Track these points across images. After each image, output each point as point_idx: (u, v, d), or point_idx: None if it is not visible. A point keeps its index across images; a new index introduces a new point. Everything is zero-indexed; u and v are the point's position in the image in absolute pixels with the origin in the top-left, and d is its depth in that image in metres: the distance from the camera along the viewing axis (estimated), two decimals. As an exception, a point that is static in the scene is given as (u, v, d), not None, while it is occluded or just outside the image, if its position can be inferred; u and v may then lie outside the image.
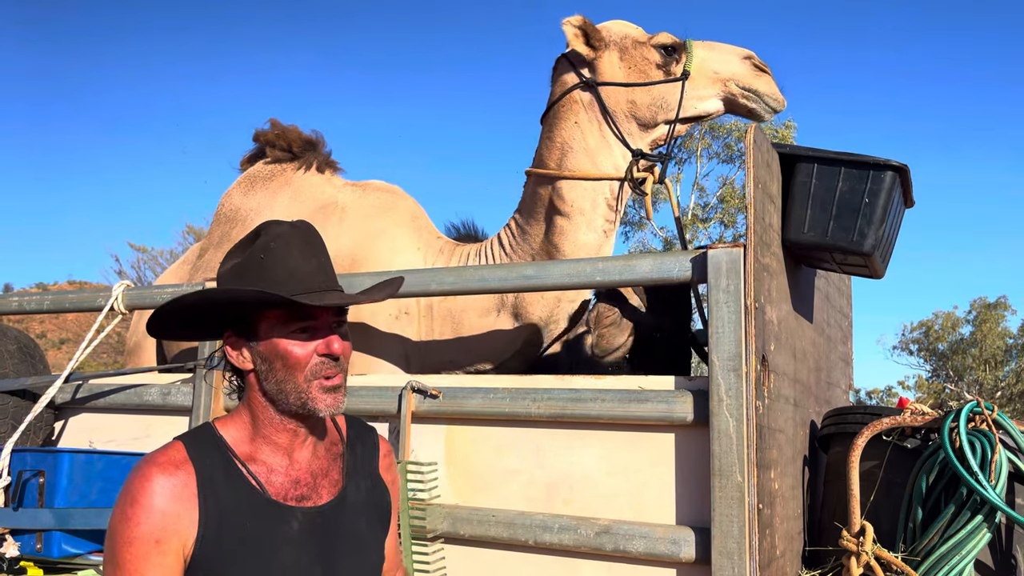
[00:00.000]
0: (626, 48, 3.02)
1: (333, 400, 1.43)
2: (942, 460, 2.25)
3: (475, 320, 3.10)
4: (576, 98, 3.03)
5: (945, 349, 29.72)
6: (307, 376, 1.41)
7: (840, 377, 3.42)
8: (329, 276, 1.45)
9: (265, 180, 3.62)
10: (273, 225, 1.46)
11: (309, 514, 1.43)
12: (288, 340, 1.40)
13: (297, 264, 1.41)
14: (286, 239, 1.42)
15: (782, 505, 2.28)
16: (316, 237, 1.48)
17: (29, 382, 3.09)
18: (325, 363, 1.41)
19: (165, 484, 1.33)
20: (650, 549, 2.14)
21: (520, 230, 3.13)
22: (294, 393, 1.41)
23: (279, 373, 1.41)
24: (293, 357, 1.40)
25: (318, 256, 1.45)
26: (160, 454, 1.39)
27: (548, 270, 2.49)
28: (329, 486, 1.49)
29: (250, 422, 1.46)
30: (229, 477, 1.39)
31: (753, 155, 2.17)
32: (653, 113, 2.99)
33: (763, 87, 3.01)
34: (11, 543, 2.60)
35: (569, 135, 3.02)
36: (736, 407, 2.06)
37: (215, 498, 1.36)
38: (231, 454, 1.42)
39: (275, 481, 1.43)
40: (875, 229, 2.34)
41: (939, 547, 2.19)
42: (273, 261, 1.40)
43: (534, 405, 2.36)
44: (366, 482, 1.56)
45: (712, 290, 2.15)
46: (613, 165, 3.01)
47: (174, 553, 1.32)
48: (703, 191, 23.36)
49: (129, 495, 1.33)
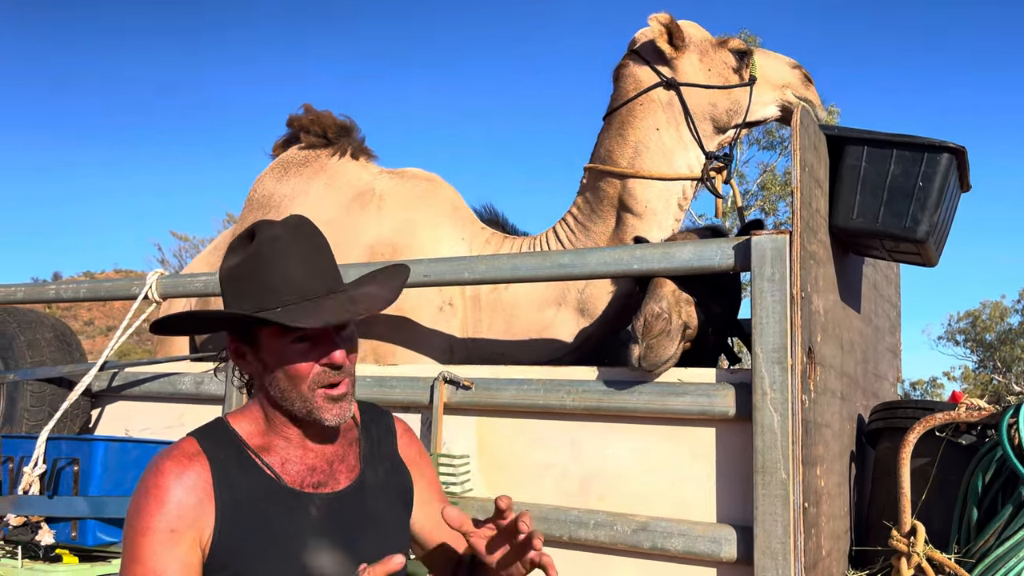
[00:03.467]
0: (706, 50, 3.03)
1: (339, 410, 1.38)
2: (1000, 458, 2.14)
3: (531, 314, 3.04)
4: (654, 97, 3.00)
5: (993, 339, 29.00)
6: (310, 386, 1.36)
7: (888, 369, 3.30)
8: (328, 277, 1.39)
9: (299, 166, 3.58)
10: (266, 227, 1.38)
11: (327, 500, 1.41)
12: (288, 350, 1.35)
13: (293, 269, 1.34)
14: (280, 243, 1.35)
15: (828, 503, 2.19)
16: (314, 237, 1.40)
17: (65, 370, 3.11)
18: (327, 372, 1.37)
19: (179, 477, 1.32)
20: (689, 548, 2.07)
21: (581, 226, 3.09)
22: (299, 402, 1.37)
23: (282, 383, 1.37)
24: (293, 368, 1.35)
25: (315, 257, 1.38)
26: (173, 448, 1.37)
27: (584, 258, 2.41)
28: (346, 471, 1.46)
29: (263, 417, 1.43)
30: (244, 468, 1.37)
31: (800, 137, 2.07)
32: (729, 116, 3.01)
33: (813, 97, 3.07)
34: (46, 531, 2.61)
35: (645, 134, 2.99)
36: (781, 401, 1.98)
37: (231, 490, 1.34)
38: (244, 446, 1.40)
39: (291, 470, 1.40)
40: (929, 215, 2.23)
41: (995, 549, 2.08)
42: (267, 267, 1.34)
43: (568, 397, 2.29)
44: (384, 465, 1.53)
45: (756, 279, 2.05)
46: (687, 166, 3.00)
47: (189, 543, 1.30)
48: (743, 178, 23.00)
49: (143, 488, 1.32)
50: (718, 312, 2.46)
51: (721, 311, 2.48)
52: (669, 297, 2.29)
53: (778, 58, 3.11)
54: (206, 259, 4.05)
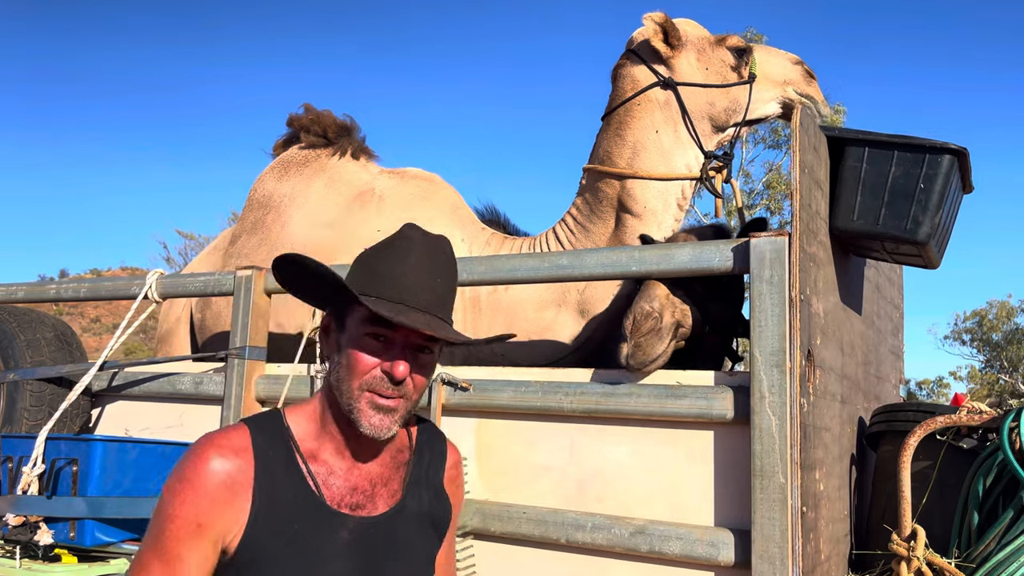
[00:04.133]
0: (703, 49, 3.00)
1: (380, 421, 1.33)
2: (1001, 462, 2.12)
3: (531, 314, 3.03)
4: (652, 97, 2.98)
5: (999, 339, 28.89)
6: (361, 385, 1.33)
7: (890, 371, 3.28)
8: (434, 298, 1.35)
9: (299, 166, 3.58)
10: (409, 228, 1.40)
11: (362, 524, 1.37)
12: (362, 342, 1.33)
13: (404, 271, 1.33)
14: (411, 244, 1.36)
15: (827, 507, 2.18)
16: (442, 256, 1.39)
17: (65, 370, 3.10)
18: (384, 381, 1.33)
19: (220, 469, 1.28)
20: (687, 551, 2.06)
21: (580, 227, 3.07)
22: (345, 396, 1.34)
23: (341, 371, 1.35)
24: (356, 360, 1.33)
25: (434, 274, 1.36)
26: (223, 436, 1.33)
27: (583, 259, 2.40)
28: (387, 496, 1.42)
29: (319, 415, 1.40)
30: (289, 473, 1.34)
31: (799, 138, 2.05)
32: (728, 115, 2.98)
33: (815, 93, 3.04)
34: (45, 531, 2.61)
35: (643, 135, 2.97)
36: (779, 404, 1.96)
37: (270, 493, 1.31)
38: (295, 449, 1.36)
39: (333, 484, 1.37)
40: (931, 216, 2.21)
41: (996, 554, 2.07)
42: (385, 259, 1.35)
43: (566, 399, 2.28)
44: (428, 493, 1.49)
45: (755, 281, 2.04)
46: (686, 165, 2.98)
47: (212, 541, 1.28)
48: (748, 177, 22.95)
49: (183, 471, 1.29)
50: (716, 311, 2.44)
51: (720, 310, 2.47)
52: (661, 296, 2.28)
53: (779, 54, 3.08)
54: (206, 259, 4.05)
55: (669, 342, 2.22)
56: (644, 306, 2.21)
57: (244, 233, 3.63)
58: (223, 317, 3.48)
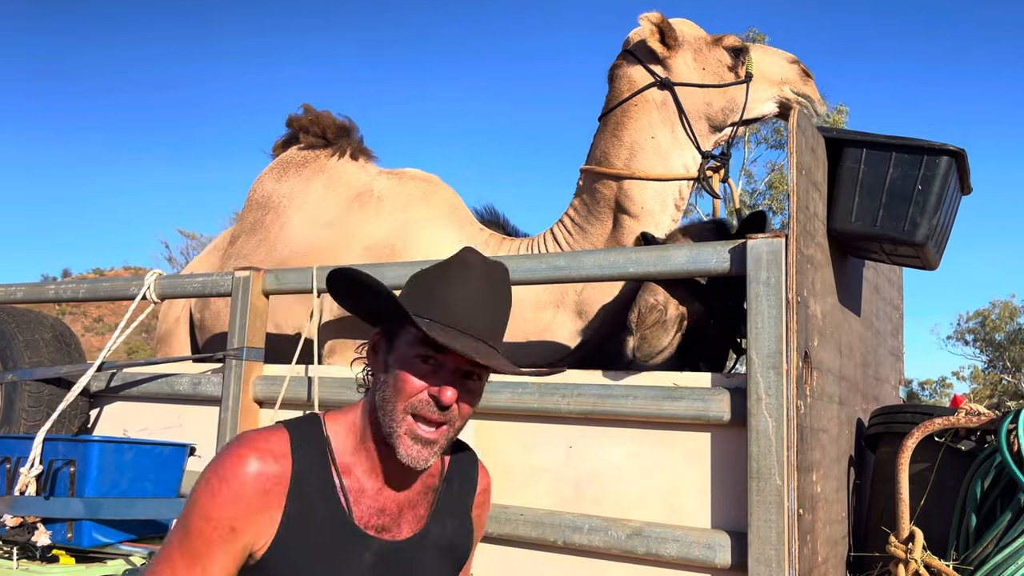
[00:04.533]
0: (700, 49, 2.99)
1: (418, 453, 1.32)
2: (999, 464, 2.12)
3: (529, 315, 3.02)
4: (648, 97, 2.97)
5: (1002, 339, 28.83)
6: (406, 408, 1.31)
7: (889, 372, 3.27)
8: (487, 325, 1.35)
9: (298, 166, 3.57)
10: (469, 252, 1.39)
11: (385, 548, 1.36)
12: (409, 363, 1.31)
13: (459, 296, 1.32)
14: (466, 269, 1.35)
15: (825, 509, 2.17)
16: (501, 284, 1.39)
17: (64, 370, 3.10)
18: (430, 404, 1.31)
19: (259, 473, 1.27)
20: (684, 553, 2.05)
21: (578, 228, 3.06)
22: (388, 418, 1.32)
23: (389, 390, 1.33)
24: (403, 381, 1.31)
25: (489, 301, 1.36)
26: (263, 439, 1.32)
27: (580, 261, 2.39)
28: (413, 521, 1.41)
29: (359, 429, 1.39)
30: (323, 486, 1.33)
31: (796, 139, 2.05)
32: (725, 115, 2.97)
33: (812, 92, 3.02)
34: (43, 531, 2.60)
35: (640, 135, 2.96)
36: (776, 406, 1.96)
37: (301, 504, 1.30)
38: (332, 461, 1.35)
39: (363, 504, 1.36)
40: (929, 218, 2.20)
41: (994, 556, 2.06)
42: (440, 282, 1.33)
43: (564, 401, 2.27)
44: (454, 521, 1.48)
45: (751, 283, 2.03)
46: (683, 166, 2.97)
47: (242, 546, 1.27)
48: (751, 177, 22.94)
49: (223, 470, 1.27)
50: (718, 305, 2.44)
51: (723, 303, 2.46)
52: (664, 289, 2.28)
53: (776, 53, 3.07)
54: (205, 259, 4.05)
55: (674, 334, 2.24)
56: (648, 299, 2.22)
57: (243, 234, 3.63)
58: (222, 317, 3.48)
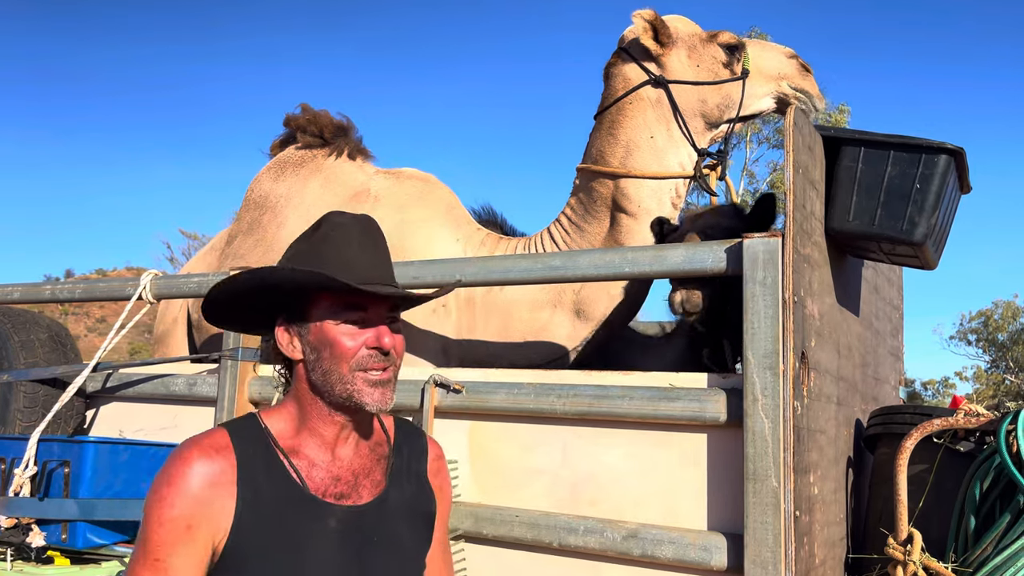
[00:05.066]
0: (694, 46, 2.97)
1: (380, 395, 1.38)
2: (998, 465, 2.09)
3: (525, 315, 3.01)
4: (643, 95, 2.96)
5: (1005, 339, 28.78)
6: (352, 367, 1.36)
7: (889, 372, 3.25)
8: (386, 272, 1.42)
9: (296, 166, 3.56)
10: (335, 215, 1.44)
11: (348, 513, 1.39)
12: (338, 328, 1.37)
13: (355, 255, 1.38)
14: (346, 230, 1.40)
15: (822, 511, 2.15)
16: (377, 233, 1.45)
17: (59, 371, 3.09)
18: (374, 356, 1.37)
19: (203, 469, 1.30)
20: (680, 555, 2.03)
21: (575, 227, 3.05)
22: (339, 384, 1.37)
23: (326, 363, 1.37)
24: (341, 346, 1.36)
25: (377, 250, 1.43)
26: (203, 437, 1.35)
27: (576, 260, 2.38)
28: (371, 486, 1.45)
29: (296, 414, 1.42)
30: (270, 468, 1.36)
31: (793, 138, 2.03)
32: (720, 112, 2.96)
33: (810, 87, 3.01)
34: (37, 533, 2.60)
35: (636, 133, 2.95)
36: (772, 407, 1.94)
37: (253, 488, 1.32)
38: (274, 445, 1.38)
39: (316, 476, 1.39)
40: (927, 217, 2.18)
41: (993, 558, 2.04)
42: (331, 250, 1.38)
43: (559, 402, 2.26)
44: (411, 486, 1.51)
45: (748, 283, 2.02)
46: (679, 163, 2.96)
47: (203, 541, 1.28)
48: (753, 177, 22.92)
49: (167, 476, 1.30)
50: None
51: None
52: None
53: (773, 48, 3.04)
54: (203, 259, 4.04)
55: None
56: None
57: (240, 234, 3.62)
58: (219, 318, 3.46)
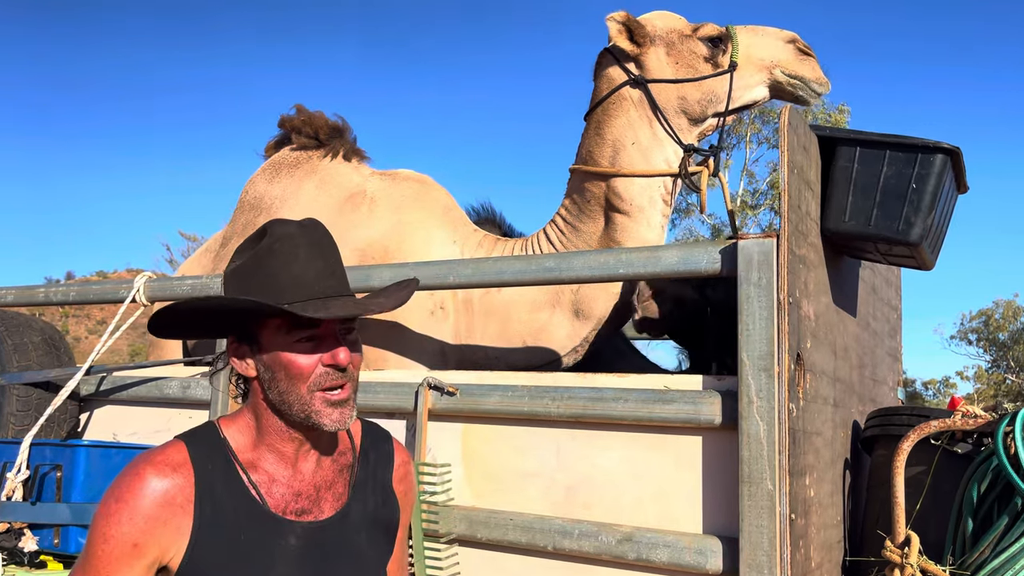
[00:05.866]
0: (672, 42, 2.94)
1: (339, 415, 1.33)
2: (995, 467, 2.08)
3: (524, 316, 3.00)
4: (626, 95, 2.94)
5: (1006, 339, 28.74)
6: (310, 387, 1.31)
7: (887, 373, 3.24)
8: (337, 280, 1.35)
9: (291, 167, 3.55)
10: (279, 225, 1.35)
11: (309, 529, 1.35)
12: (291, 350, 1.31)
13: (302, 269, 1.31)
14: (292, 241, 1.32)
15: (818, 513, 2.14)
16: (325, 238, 1.38)
17: (52, 374, 3.08)
18: (330, 374, 1.32)
19: (158, 487, 1.26)
20: (675, 559, 2.02)
21: (570, 227, 3.04)
22: (297, 404, 1.32)
23: (282, 384, 1.32)
24: (296, 367, 1.30)
25: (326, 259, 1.35)
26: (159, 453, 1.31)
27: (570, 262, 2.36)
28: (333, 500, 1.41)
29: (255, 427, 1.37)
30: (229, 485, 1.32)
31: (788, 138, 2.02)
32: (703, 107, 2.92)
33: (808, 72, 2.92)
34: (30, 537, 2.59)
35: (621, 133, 2.94)
36: (767, 410, 1.92)
37: (212, 506, 1.29)
38: (234, 459, 1.34)
39: (276, 492, 1.35)
40: (923, 217, 2.17)
41: (991, 560, 2.02)
42: (276, 265, 1.31)
43: (553, 404, 2.24)
44: (375, 497, 1.47)
45: (742, 284, 2.00)
46: (665, 161, 2.94)
47: (150, 561, 1.25)
48: (752, 177, 22.91)
49: (117, 491, 1.26)
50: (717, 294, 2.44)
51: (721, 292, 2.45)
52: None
53: (769, 34, 2.96)
54: (197, 261, 4.02)
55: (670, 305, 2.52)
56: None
57: (235, 235, 3.60)
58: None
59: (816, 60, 2.96)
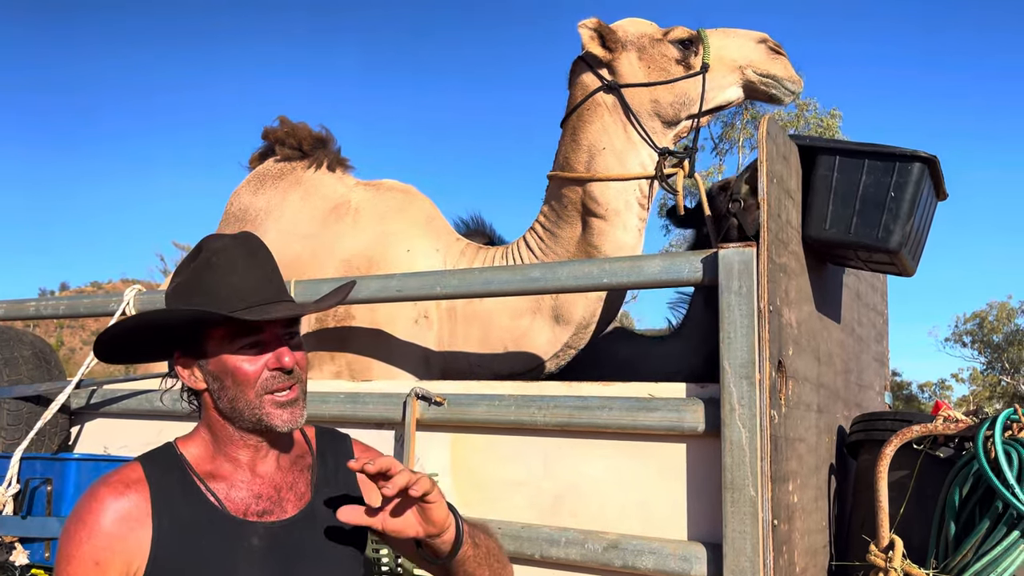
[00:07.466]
0: (644, 47, 2.97)
1: (290, 415, 1.38)
2: (976, 471, 2.10)
3: (506, 322, 3.02)
4: (600, 101, 2.97)
5: (1000, 341, 28.85)
6: (258, 391, 1.36)
7: (874, 378, 3.26)
8: (275, 287, 1.41)
9: (275, 179, 3.56)
10: (214, 240, 1.41)
11: (271, 529, 1.39)
12: (236, 357, 1.36)
13: (240, 279, 1.36)
14: (228, 254, 1.38)
15: (802, 519, 2.16)
16: (261, 249, 1.43)
17: (43, 388, 3.09)
18: (277, 377, 1.37)
19: (113, 505, 1.31)
20: (660, 566, 2.04)
21: (549, 233, 3.06)
22: (248, 410, 1.36)
23: (230, 391, 1.36)
24: (242, 373, 1.35)
25: (263, 268, 1.40)
26: (115, 474, 1.36)
27: (555, 272, 2.39)
28: (295, 499, 1.44)
29: (210, 440, 1.42)
30: (186, 494, 1.36)
31: (767, 148, 2.04)
32: (676, 110, 2.95)
33: (780, 71, 2.94)
34: (20, 551, 2.59)
35: (596, 138, 2.97)
36: (749, 417, 1.94)
37: (170, 517, 1.33)
38: (190, 471, 1.38)
39: (235, 497, 1.39)
40: (902, 224, 2.20)
41: (973, 564, 2.04)
42: (215, 278, 1.36)
43: (540, 413, 2.26)
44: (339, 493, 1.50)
45: (723, 292, 2.02)
46: (640, 164, 2.96)
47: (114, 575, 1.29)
48: (744, 181, 22.91)
49: (77, 514, 1.32)
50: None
51: None
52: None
53: (739, 36, 2.99)
54: (187, 273, 4.03)
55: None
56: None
57: (223, 248, 3.61)
58: (203, 332, 3.46)
59: (787, 59, 2.99)
